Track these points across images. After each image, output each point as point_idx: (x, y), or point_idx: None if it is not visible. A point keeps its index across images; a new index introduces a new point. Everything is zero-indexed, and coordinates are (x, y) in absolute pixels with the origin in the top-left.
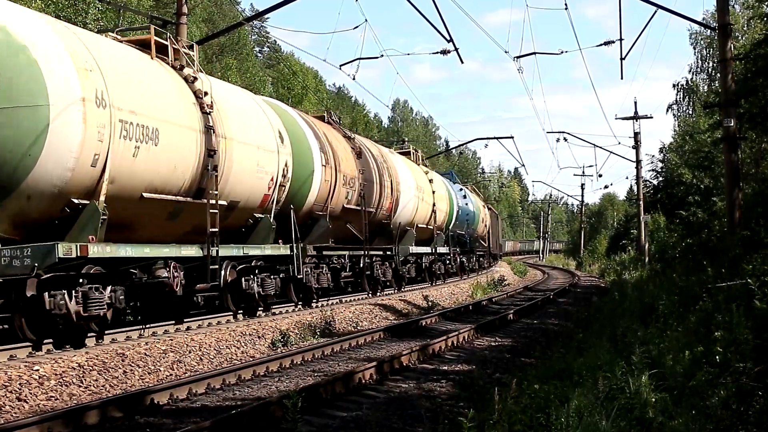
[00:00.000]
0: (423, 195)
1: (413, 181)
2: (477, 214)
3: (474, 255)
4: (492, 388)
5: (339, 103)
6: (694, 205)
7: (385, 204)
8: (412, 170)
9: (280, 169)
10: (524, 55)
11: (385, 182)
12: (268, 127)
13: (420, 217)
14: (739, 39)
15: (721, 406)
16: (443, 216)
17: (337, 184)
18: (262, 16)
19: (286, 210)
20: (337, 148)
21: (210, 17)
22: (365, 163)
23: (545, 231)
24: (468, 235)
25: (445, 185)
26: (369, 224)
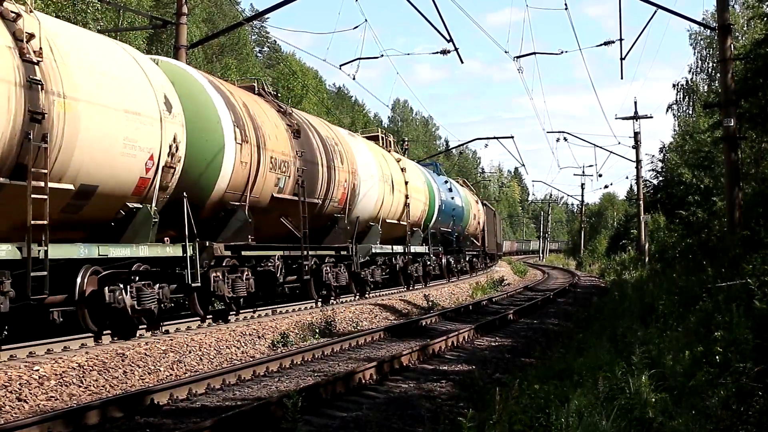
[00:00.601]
0: (392, 185)
1: (377, 169)
2: (466, 209)
3: (463, 255)
4: (492, 388)
5: (339, 103)
6: (694, 205)
7: (336, 194)
8: (378, 156)
9: (165, 145)
10: (524, 55)
11: (336, 168)
12: (145, 89)
13: (388, 211)
14: (739, 39)
15: (721, 406)
16: (421, 211)
17: (262, 168)
18: (262, 16)
19: (180, 198)
20: (264, 123)
21: (210, 17)
22: (306, 143)
23: (545, 231)
24: (455, 233)
25: (425, 176)
26: (316, 218)
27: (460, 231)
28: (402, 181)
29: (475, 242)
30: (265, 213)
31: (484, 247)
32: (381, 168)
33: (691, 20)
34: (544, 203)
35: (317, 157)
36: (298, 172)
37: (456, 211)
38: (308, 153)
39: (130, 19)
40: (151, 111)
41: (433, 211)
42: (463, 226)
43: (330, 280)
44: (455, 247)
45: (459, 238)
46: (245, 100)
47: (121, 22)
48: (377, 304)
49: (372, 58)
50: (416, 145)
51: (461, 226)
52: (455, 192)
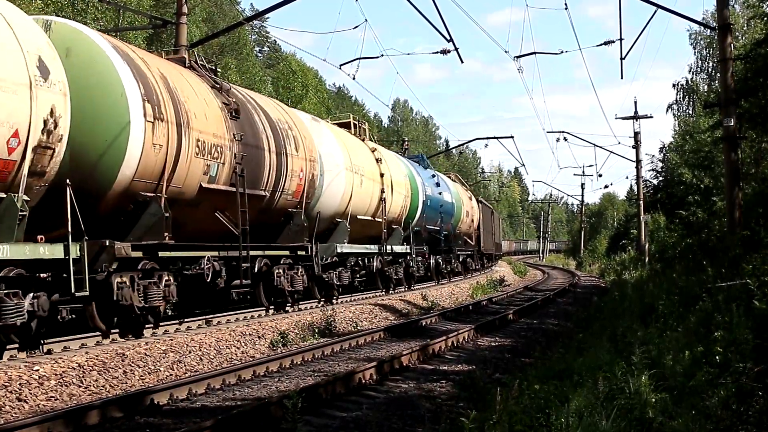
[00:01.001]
0: (363, 178)
1: (345, 158)
2: (457, 206)
3: (454, 256)
4: (492, 389)
5: (339, 103)
6: (694, 204)
7: (289, 185)
8: (346, 144)
9: (36, 120)
10: (524, 55)
11: (289, 155)
12: (8, 48)
13: (359, 206)
14: (739, 39)
15: (721, 406)
16: (400, 206)
17: (185, 152)
18: (262, 16)
19: (64, 187)
20: (190, 99)
21: (210, 17)
22: (248, 126)
23: (545, 231)
24: (444, 231)
25: (407, 169)
26: (264, 213)
27: (450, 229)
28: (377, 172)
29: (469, 241)
30: (192, 206)
31: (480, 247)
32: (350, 157)
33: (691, 20)
34: (544, 203)
35: (263, 141)
36: (236, 158)
37: (444, 208)
38: (250, 137)
39: (130, 18)
40: (15, 76)
41: (417, 208)
42: (453, 225)
43: (283, 284)
44: (444, 247)
45: (449, 237)
46: (165, 72)
47: (121, 22)
48: (377, 304)
49: (372, 58)
50: (416, 145)
51: (451, 224)
52: (444, 187)
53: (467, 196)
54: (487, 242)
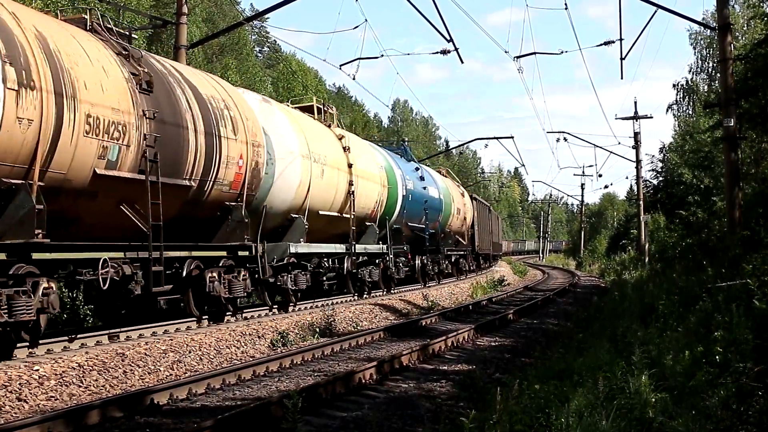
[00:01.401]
0: (326, 167)
1: (301, 145)
2: (446, 203)
3: (443, 256)
4: (492, 388)
5: (339, 103)
6: (694, 205)
7: (225, 174)
8: (304, 129)
9: None
10: (524, 55)
11: (225, 139)
12: None
13: (321, 200)
14: (739, 39)
15: (721, 406)
16: (374, 201)
17: (68, 130)
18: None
19: None
20: (79, 65)
21: (210, 17)
22: (165, 101)
23: (545, 231)
24: (430, 229)
25: (384, 160)
26: (192, 207)
27: (438, 228)
28: (344, 162)
29: (462, 241)
30: (86, 198)
31: (474, 247)
32: (307, 144)
33: (691, 20)
34: (544, 203)
35: (187, 120)
36: (146, 140)
37: (430, 204)
38: (168, 114)
39: (130, 18)
40: None
41: (395, 203)
42: (442, 222)
43: (217, 290)
44: (430, 246)
45: (436, 235)
46: (45, 31)
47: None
48: (377, 304)
49: (372, 58)
50: (416, 145)
51: (439, 222)
52: (430, 181)
53: (458, 192)
54: (484, 242)
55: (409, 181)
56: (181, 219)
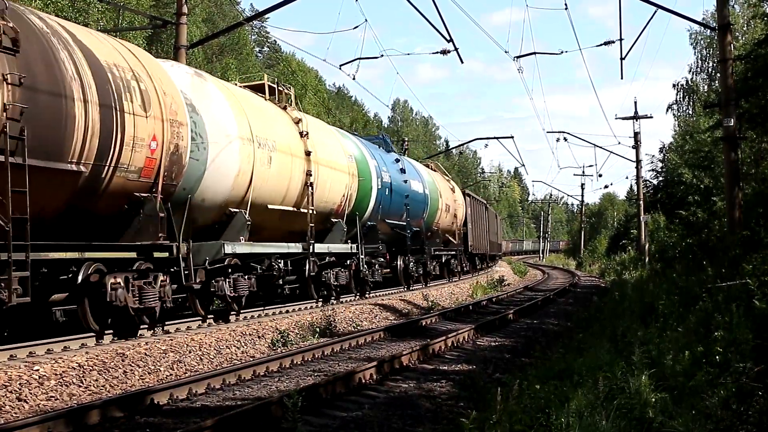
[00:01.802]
0: (275, 154)
1: (241, 127)
2: (432, 198)
3: (429, 256)
4: (493, 388)
5: (339, 103)
6: (694, 205)
7: (133, 159)
8: (245, 109)
9: None
10: (524, 55)
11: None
12: None
13: (269, 192)
14: (739, 39)
15: (721, 406)
16: (341, 195)
17: None
18: (262, 16)
19: None
20: None
21: (210, 17)
22: (39, 65)
23: (545, 231)
24: (414, 227)
25: (356, 148)
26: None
27: (423, 225)
28: (300, 148)
29: (452, 240)
30: None
31: (467, 246)
32: (249, 126)
33: (691, 20)
34: (544, 203)
35: (72, 90)
36: (7, 111)
37: (413, 199)
38: (44, 82)
39: (130, 18)
40: None
41: (368, 197)
42: (427, 220)
43: (122, 299)
44: (413, 246)
45: (421, 234)
46: None
47: (121, 22)
48: (377, 304)
49: (372, 58)
50: (416, 145)
51: (423, 220)
52: (413, 174)
53: (448, 187)
54: (479, 241)
55: (386, 173)
56: (72, 213)
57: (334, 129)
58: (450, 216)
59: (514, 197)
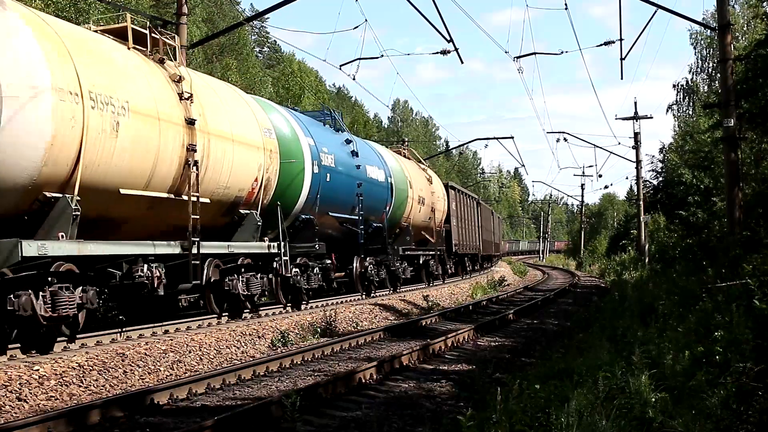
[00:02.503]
0: (125, 120)
1: (58, 75)
2: (399, 189)
3: (395, 257)
4: (492, 388)
5: (339, 103)
6: (694, 205)
7: None
8: (75, 53)
9: None
10: (524, 56)
11: None
12: None
13: (120, 171)
14: (739, 39)
15: (721, 406)
16: (253, 179)
17: None
18: (262, 16)
19: None
20: None
21: (210, 17)
22: None
23: (545, 231)
24: (374, 223)
25: (285, 121)
26: None
27: (385, 221)
28: (178, 114)
29: (429, 238)
30: None
31: (451, 246)
32: (76, 76)
33: (691, 20)
34: (544, 204)
35: None
36: None
37: (370, 189)
38: None
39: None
40: None
41: (300, 183)
42: (393, 214)
43: None
44: (371, 245)
45: (382, 231)
46: None
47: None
48: (377, 304)
49: (372, 59)
50: (416, 145)
51: (386, 213)
52: (371, 159)
53: (423, 177)
54: (468, 240)
55: (328, 156)
56: None
57: (246, 96)
58: (426, 210)
59: (514, 198)
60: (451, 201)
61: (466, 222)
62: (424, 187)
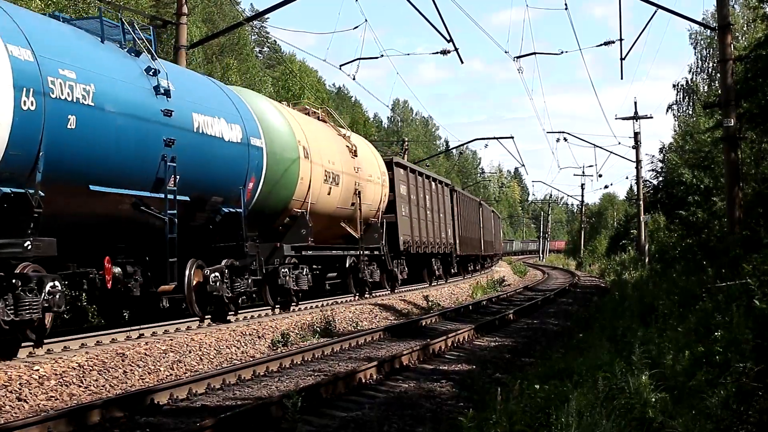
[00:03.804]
0: None
1: None
2: (278, 155)
3: (260, 260)
4: (492, 388)
5: (339, 103)
6: (694, 205)
7: None
8: None
9: None
10: (524, 55)
11: None
12: None
13: None
14: (739, 39)
15: (721, 406)
16: None
17: None
18: (262, 16)
19: None
20: None
21: (210, 17)
22: None
23: (545, 231)
24: (223, 207)
25: None
26: None
27: (250, 204)
28: None
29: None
30: None
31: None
32: None
33: (691, 20)
34: (544, 203)
35: None
36: None
37: (201, 150)
38: None
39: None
40: None
41: None
42: (265, 195)
43: None
44: (224, 243)
45: (241, 220)
46: None
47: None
48: (377, 304)
49: (372, 58)
50: (416, 145)
51: (248, 193)
52: (206, 103)
53: (342, 146)
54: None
55: (78, 85)
56: None
57: None
58: (343, 193)
59: (514, 197)
60: (398, 183)
61: (425, 212)
62: (340, 161)
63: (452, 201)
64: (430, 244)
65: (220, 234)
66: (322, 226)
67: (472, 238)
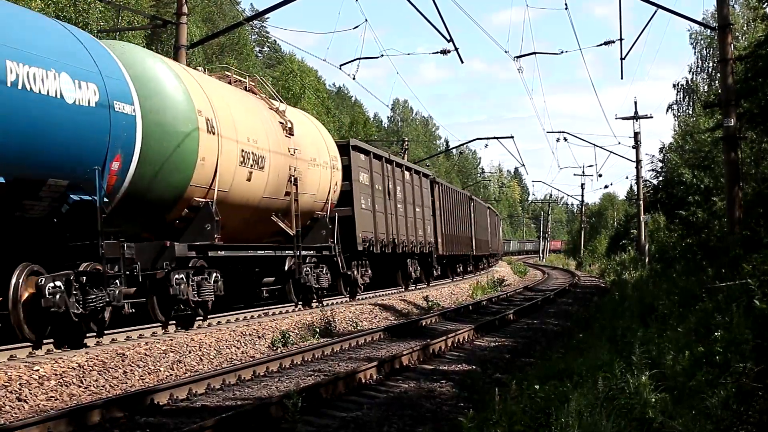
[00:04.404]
0: None
1: None
2: (162, 127)
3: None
4: (492, 388)
5: (339, 103)
6: (694, 205)
7: None
8: None
9: None
10: (524, 55)
11: None
12: None
13: None
14: (740, 39)
15: (721, 406)
16: None
17: None
18: (262, 16)
19: None
20: None
21: (210, 17)
22: None
23: (545, 231)
24: (73, 194)
25: None
26: None
27: (110, 189)
28: None
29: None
30: None
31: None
32: None
33: (691, 20)
34: (544, 203)
35: None
36: None
37: (18, 112)
38: None
39: (130, 18)
40: None
41: None
42: (142, 176)
43: None
44: (70, 243)
45: (99, 210)
46: None
47: (121, 22)
48: (377, 304)
49: (372, 58)
50: (416, 145)
51: (110, 174)
52: (49, 51)
53: (275, 122)
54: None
55: None
56: None
57: None
58: (272, 179)
59: (514, 197)
60: (357, 171)
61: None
62: (267, 140)
63: (433, 194)
64: (401, 242)
65: (71, 230)
66: (243, 221)
67: (460, 237)
